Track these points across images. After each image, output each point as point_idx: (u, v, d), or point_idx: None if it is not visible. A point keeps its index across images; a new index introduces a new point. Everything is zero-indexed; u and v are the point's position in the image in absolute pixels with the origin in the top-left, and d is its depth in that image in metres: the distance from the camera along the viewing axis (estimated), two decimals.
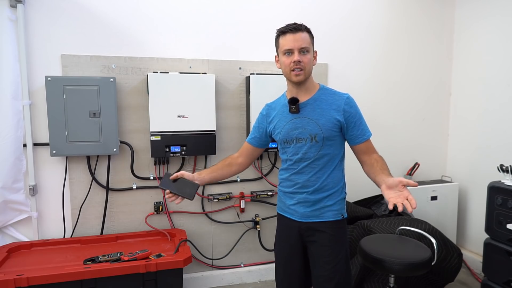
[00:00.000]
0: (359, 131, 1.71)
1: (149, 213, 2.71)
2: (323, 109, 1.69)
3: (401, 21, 3.21)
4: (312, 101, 1.72)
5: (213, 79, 2.62)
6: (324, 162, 1.70)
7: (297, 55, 1.64)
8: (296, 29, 1.65)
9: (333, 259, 1.70)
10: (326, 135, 1.67)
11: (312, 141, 1.68)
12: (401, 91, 3.28)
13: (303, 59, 1.64)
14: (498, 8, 2.96)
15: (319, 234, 1.72)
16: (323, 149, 1.68)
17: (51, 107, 2.37)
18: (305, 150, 1.70)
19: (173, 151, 2.57)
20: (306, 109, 1.71)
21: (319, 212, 1.72)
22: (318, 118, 1.68)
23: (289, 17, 2.84)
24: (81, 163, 2.55)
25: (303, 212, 1.74)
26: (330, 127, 1.67)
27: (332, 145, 1.70)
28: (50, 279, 1.97)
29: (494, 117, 3.00)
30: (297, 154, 1.72)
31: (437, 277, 2.56)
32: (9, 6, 2.31)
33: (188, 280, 2.79)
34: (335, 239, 1.72)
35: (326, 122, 1.67)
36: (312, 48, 1.70)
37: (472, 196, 3.25)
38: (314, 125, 1.68)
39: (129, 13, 2.57)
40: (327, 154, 1.70)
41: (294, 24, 1.67)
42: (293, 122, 1.72)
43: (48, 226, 2.55)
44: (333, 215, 1.73)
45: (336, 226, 1.73)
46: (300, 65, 1.64)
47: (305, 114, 1.71)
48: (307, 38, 1.66)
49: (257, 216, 2.93)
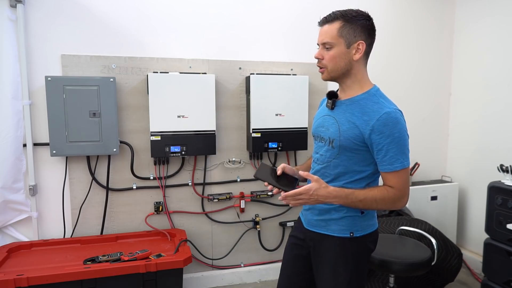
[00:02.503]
0: (386, 157, 1.38)
1: (149, 213, 2.70)
2: (354, 115, 1.44)
3: (401, 21, 3.21)
4: (349, 102, 1.48)
5: (213, 79, 2.62)
6: (337, 174, 1.48)
7: (319, 51, 1.48)
8: (323, 21, 1.46)
9: (332, 279, 1.50)
10: (344, 144, 1.43)
11: (329, 145, 1.49)
12: (401, 91, 3.27)
13: (325, 56, 1.45)
14: (498, 8, 2.96)
15: (323, 249, 1.53)
16: (338, 158, 1.46)
17: (51, 107, 2.37)
18: (322, 151, 1.53)
19: (173, 151, 2.56)
20: (339, 109, 1.50)
21: (325, 223, 1.52)
22: (343, 122, 1.46)
23: (289, 17, 2.86)
24: (81, 163, 2.55)
25: (310, 219, 1.58)
26: (350, 136, 1.42)
27: (352, 158, 1.45)
28: (50, 279, 1.97)
29: (494, 117, 3.00)
30: (316, 153, 1.58)
31: (437, 277, 2.56)
32: (9, 6, 2.31)
33: (188, 280, 2.79)
34: (337, 259, 1.49)
35: (348, 130, 1.43)
36: (342, 42, 1.42)
37: (472, 196, 3.25)
38: (336, 128, 1.47)
39: (129, 13, 2.57)
40: (344, 166, 1.46)
41: (327, 15, 1.46)
42: (323, 118, 1.56)
43: (48, 226, 2.55)
44: (340, 231, 1.49)
45: (340, 243, 1.48)
46: (320, 62, 1.48)
47: (336, 114, 1.50)
48: (332, 31, 1.42)
49: (257, 216, 2.93)
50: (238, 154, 2.86)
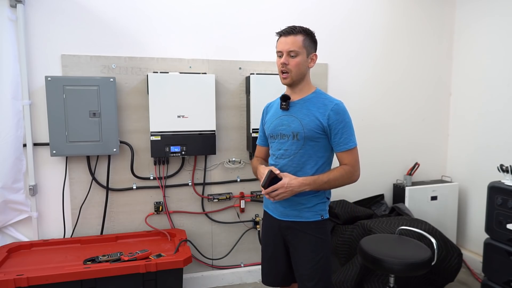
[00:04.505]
0: (341, 139, 1.71)
1: (149, 213, 2.71)
2: (310, 110, 1.74)
3: (401, 21, 3.21)
4: (302, 101, 1.77)
5: (213, 79, 2.62)
6: (303, 162, 1.73)
7: (284, 57, 1.70)
8: (288, 32, 1.70)
9: (312, 258, 1.74)
10: (308, 134, 1.70)
11: (294, 139, 1.73)
12: (401, 91, 3.28)
13: (290, 62, 1.70)
14: (498, 8, 2.96)
15: (299, 234, 1.76)
16: (303, 148, 1.72)
17: (51, 107, 2.37)
18: (286, 146, 1.75)
19: (173, 151, 2.57)
20: (294, 108, 1.77)
21: (298, 211, 1.76)
22: (302, 117, 1.73)
23: (289, 17, 2.86)
24: (81, 163, 2.55)
25: (283, 211, 1.79)
26: (312, 127, 1.70)
27: (314, 146, 1.73)
28: (50, 279, 1.97)
29: (494, 117, 3.00)
30: (279, 150, 1.78)
31: (437, 277, 2.56)
32: (9, 6, 2.31)
33: (188, 280, 2.79)
34: (314, 240, 1.75)
35: (309, 123, 1.71)
36: (304, 52, 1.72)
37: (472, 196, 3.25)
38: (298, 123, 1.73)
39: (129, 13, 2.57)
40: (308, 154, 1.73)
41: (289, 27, 1.72)
42: (281, 118, 1.80)
43: (48, 226, 2.55)
44: (312, 215, 1.76)
45: (315, 227, 1.76)
46: (285, 67, 1.71)
47: (293, 112, 1.77)
48: (298, 41, 1.69)
49: (257, 216, 2.93)
50: (238, 154, 2.87)
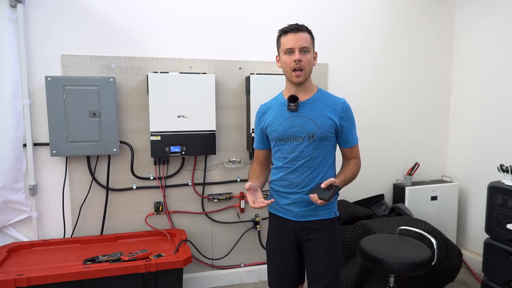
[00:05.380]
0: (350, 136, 1.78)
1: (149, 213, 2.71)
2: (321, 109, 1.73)
3: (401, 21, 3.21)
4: (310, 101, 1.75)
5: (213, 79, 2.62)
6: (319, 162, 1.73)
7: (297, 54, 1.66)
8: (297, 29, 1.68)
9: (327, 256, 1.75)
10: (324, 135, 1.71)
11: (310, 140, 1.71)
12: (401, 91, 3.28)
13: (303, 59, 1.67)
14: (498, 8, 2.96)
15: (314, 232, 1.76)
16: (319, 148, 1.72)
17: (51, 107, 2.37)
18: (301, 148, 1.72)
19: (173, 151, 2.56)
20: (304, 108, 1.74)
21: (314, 211, 1.75)
22: (316, 118, 1.71)
23: (289, 17, 2.84)
24: (81, 163, 2.55)
25: (298, 212, 1.76)
26: (327, 127, 1.71)
27: (327, 146, 1.74)
28: (50, 279, 1.97)
29: (494, 117, 3.00)
30: (293, 152, 1.73)
31: (437, 277, 2.56)
32: (9, 6, 2.31)
33: (188, 280, 2.79)
34: (329, 237, 1.76)
35: (324, 123, 1.71)
36: (312, 49, 1.73)
37: (472, 196, 3.25)
38: (313, 124, 1.71)
39: (129, 13, 2.57)
40: (322, 154, 1.73)
41: (296, 24, 1.71)
42: (290, 120, 1.74)
43: (48, 226, 2.55)
44: (327, 213, 1.77)
45: (330, 224, 1.78)
46: (300, 64, 1.66)
47: (303, 113, 1.73)
48: (308, 38, 1.70)
49: (257, 216, 2.93)
50: (238, 154, 2.87)
